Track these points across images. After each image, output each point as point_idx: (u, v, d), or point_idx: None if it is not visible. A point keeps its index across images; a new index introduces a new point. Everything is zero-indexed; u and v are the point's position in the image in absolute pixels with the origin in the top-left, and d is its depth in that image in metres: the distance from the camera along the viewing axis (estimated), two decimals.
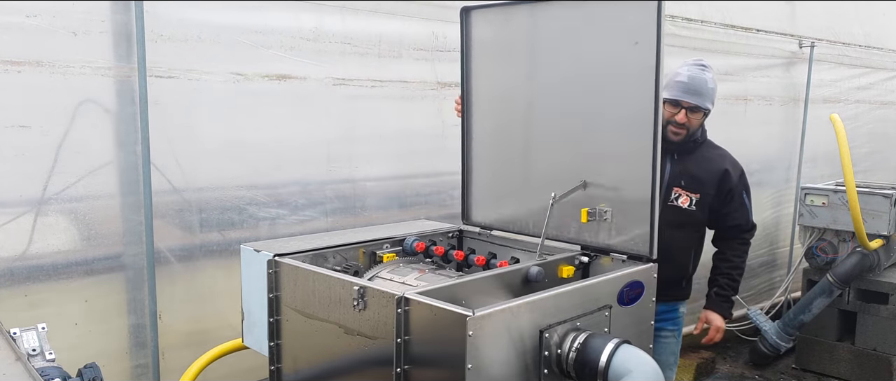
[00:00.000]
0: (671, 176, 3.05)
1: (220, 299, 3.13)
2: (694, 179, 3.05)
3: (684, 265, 3.16)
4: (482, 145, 2.87)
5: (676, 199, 3.05)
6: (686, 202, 3.05)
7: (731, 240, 3.20)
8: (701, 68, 2.98)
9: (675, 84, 2.97)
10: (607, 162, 2.47)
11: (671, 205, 3.04)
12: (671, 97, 2.95)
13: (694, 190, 3.04)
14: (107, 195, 2.83)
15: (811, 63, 5.89)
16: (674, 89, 2.96)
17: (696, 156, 3.10)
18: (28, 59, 2.59)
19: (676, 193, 3.06)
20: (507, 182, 2.80)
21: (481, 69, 2.82)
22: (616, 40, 2.36)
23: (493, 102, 2.83)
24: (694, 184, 3.04)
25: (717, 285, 3.22)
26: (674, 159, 3.05)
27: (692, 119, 2.99)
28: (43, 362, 1.65)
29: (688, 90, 2.95)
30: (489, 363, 1.84)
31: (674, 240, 2.95)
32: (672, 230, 2.92)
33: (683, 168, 3.06)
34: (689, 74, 2.95)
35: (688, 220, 3.06)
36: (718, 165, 3.10)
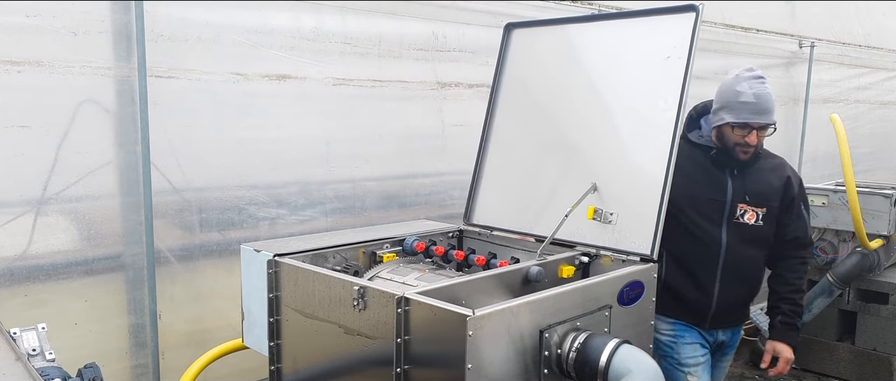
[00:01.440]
0: (734, 192, 2.81)
1: (220, 299, 3.13)
2: (758, 192, 2.83)
3: (755, 284, 2.96)
4: (498, 149, 2.91)
5: (742, 215, 2.82)
6: (752, 218, 2.82)
7: (789, 258, 2.94)
8: (761, 81, 2.74)
9: (741, 106, 2.69)
10: (620, 167, 2.51)
11: (736, 222, 2.81)
12: (740, 121, 2.70)
13: (759, 204, 2.82)
14: (107, 195, 2.83)
15: (811, 63, 5.90)
16: (742, 112, 2.69)
17: (757, 167, 2.87)
18: (28, 59, 2.59)
19: (741, 209, 2.82)
20: (517, 186, 2.81)
21: (512, 79, 2.90)
22: (647, 54, 2.50)
23: (517, 111, 2.88)
24: (759, 198, 2.82)
25: (780, 312, 2.92)
26: (734, 175, 2.82)
27: (761, 137, 2.79)
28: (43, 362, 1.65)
29: (758, 110, 2.70)
30: (489, 363, 1.84)
31: (743, 259, 2.82)
32: (741, 249, 2.81)
33: (745, 182, 2.82)
34: (755, 92, 2.69)
35: (755, 236, 2.84)
36: (780, 174, 2.89)
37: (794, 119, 5.97)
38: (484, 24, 3.81)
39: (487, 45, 3.75)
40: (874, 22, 6.63)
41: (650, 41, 2.49)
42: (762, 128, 2.75)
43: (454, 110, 3.79)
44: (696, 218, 2.77)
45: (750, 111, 2.70)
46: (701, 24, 2.35)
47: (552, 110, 2.77)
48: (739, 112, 2.70)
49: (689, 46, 2.35)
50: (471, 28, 3.79)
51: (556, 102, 2.76)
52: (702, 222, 2.77)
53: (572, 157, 2.64)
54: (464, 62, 3.80)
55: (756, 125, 2.73)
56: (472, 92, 3.83)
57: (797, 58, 5.88)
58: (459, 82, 3.81)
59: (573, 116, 2.69)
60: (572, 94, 2.71)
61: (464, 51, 3.80)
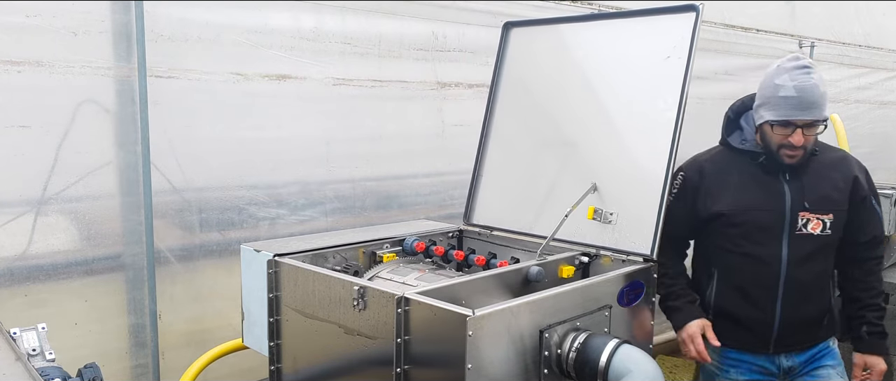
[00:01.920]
0: (792, 200, 2.50)
1: (220, 299, 3.13)
2: (822, 197, 2.52)
3: (826, 298, 2.63)
4: (498, 149, 2.91)
5: (805, 226, 2.51)
6: (818, 227, 2.51)
7: (866, 260, 2.63)
8: (806, 72, 2.40)
9: (781, 101, 2.41)
10: (620, 167, 2.50)
11: (800, 234, 2.51)
12: (780, 118, 2.42)
13: (824, 210, 2.51)
14: (107, 195, 2.83)
15: None
16: (782, 108, 2.41)
17: (815, 167, 2.55)
18: (28, 59, 2.59)
19: (804, 219, 2.51)
20: (517, 186, 2.81)
21: (511, 79, 2.90)
22: (647, 54, 2.49)
23: (516, 110, 2.88)
24: (823, 204, 2.51)
25: (865, 321, 2.62)
26: (787, 179, 2.52)
27: (808, 136, 2.45)
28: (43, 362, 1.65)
29: (800, 106, 2.39)
30: (489, 363, 1.84)
31: (810, 273, 2.53)
32: (806, 263, 2.51)
33: (804, 187, 2.52)
34: (796, 85, 2.37)
35: (822, 245, 2.54)
36: (845, 171, 2.58)
37: None
38: (484, 24, 3.80)
39: (487, 45, 3.75)
40: (874, 22, 6.63)
41: (650, 41, 2.49)
42: (808, 126, 2.43)
43: (454, 110, 3.79)
44: (752, 234, 2.52)
45: (791, 106, 2.39)
46: (701, 24, 2.35)
47: (552, 110, 2.77)
48: (779, 108, 2.42)
49: (689, 46, 2.35)
50: (471, 28, 3.79)
51: (555, 102, 2.76)
52: (759, 237, 2.52)
53: (572, 156, 2.64)
54: (464, 62, 3.80)
55: (799, 123, 2.41)
56: (471, 92, 3.83)
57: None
58: (459, 82, 3.81)
59: (573, 116, 2.69)
60: (572, 93, 2.71)
61: (464, 51, 3.80)
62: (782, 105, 2.41)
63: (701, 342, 2.57)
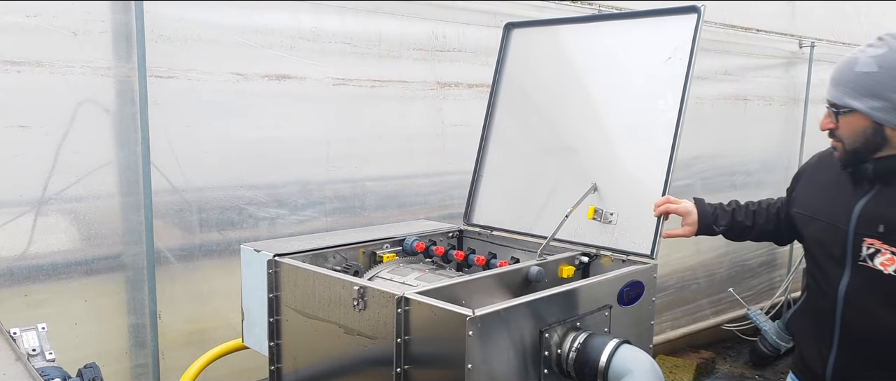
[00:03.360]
0: (860, 218, 1.95)
1: (220, 299, 3.13)
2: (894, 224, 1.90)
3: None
4: (498, 149, 2.91)
5: (872, 257, 1.91)
6: (890, 264, 1.88)
7: None
8: (866, 48, 1.92)
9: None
10: (621, 168, 2.50)
11: (863, 266, 1.93)
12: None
13: (893, 241, 1.89)
14: (107, 195, 2.83)
15: (811, 63, 5.90)
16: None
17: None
18: (28, 59, 2.59)
19: (870, 246, 1.92)
20: (517, 186, 2.81)
21: (512, 79, 2.89)
22: (648, 55, 2.48)
23: (517, 110, 2.88)
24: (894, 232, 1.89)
25: None
26: (867, 190, 1.97)
27: (842, 124, 1.96)
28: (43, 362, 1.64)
29: (831, 81, 1.98)
30: (489, 363, 1.84)
31: (878, 329, 1.94)
32: (871, 307, 1.93)
33: (885, 204, 1.93)
34: (845, 59, 1.97)
35: (889, 292, 1.90)
36: None
37: (793, 119, 5.97)
38: (484, 24, 3.81)
39: (487, 45, 3.75)
40: (874, 22, 6.63)
41: (651, 42, 2.49)
42: (836, 109, 1.96)
43: (454, 110, 3.79)
44: (813, 250, 2.11)
45: (829, 83, 2.01)
46: (702, 25, 2.35)
47: (552, 110, 2.77)
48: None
49: (690, 47, 2.35)
50: (471, 28, 3.79)
51: (556, 102, 2.76)
52: (820, 256, 2.07)
53: (572, 157, 2.64)
54: (464, 62, 3.80)
55: (828, 103, 2.00)
56: (471, 92, 3.83)
57: (797, 58, 5.88)
58: (459, 82, 3.81)
59: (573, 116, 2.69)
60: (572, 94, 2.70)
61: (464, 51, 3.80)
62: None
63: (665, 209, 2.29)
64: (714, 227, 2.35)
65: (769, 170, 5.83)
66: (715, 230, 2.35)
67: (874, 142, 1.91)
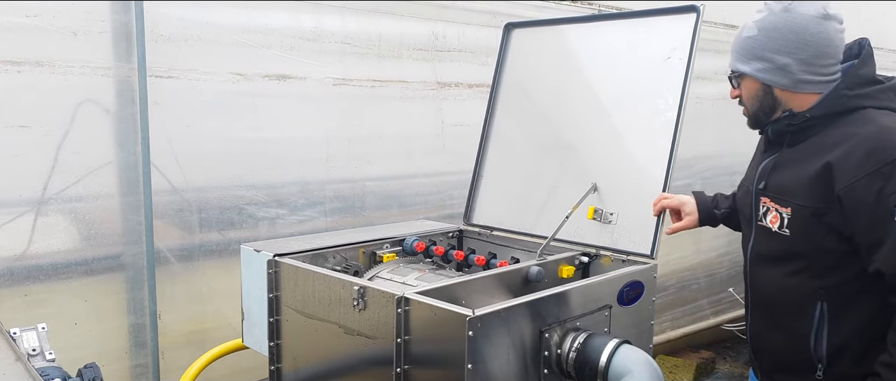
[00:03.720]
0: (759, 177, 2.04)
1: (220, 299, 3.13)
2: (784, 182, 1.95)
3: (797, 331, 1.95)
4: (498, 150, 2.91)
5: (765, 215, 1.99)
6: (775, 222, 1.95)
7: (890, 305, 1.81)
8: (754, 14, 1.98)
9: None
10: (620, 167, 2.50)
11: (761, 226, 2.02)
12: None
13: (783, 201, 1.94)
14: (107, 195, 2.83)
15: None
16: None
17: (810, 142, 1.93)
18: (28, 59, 2.59)
19: (764, 205, 2.00)
20: (517, 186, 2.81)
21: (512, 80, 2.90)
22: (648, 55, 2.48)
23: (517, 111, 2.88)
24: (782, 190, 1.95)
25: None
26: (774, 153, 2.04)
27: (742, 90, 2.03)
28: (43, 362, 1.65)
29: (731, 51, 2.05)
30: (489, 363, 1.84)
31: (774, 285, 1.99)
32: (764, 268, 2.02)
33: (779, 164, 2.00)
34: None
35: (788, 251, 1.93)
36: (832, 153, 1.84)
37: None
38: (484, 24, 3.81)
39: (487, 45, 3.75)
40: (874, 22, 6.63)
41: (651, 42, 2.49)
42: (736, 77, 2.05)
43: (454, 110, 3.79)
44: (741, 217, 2.19)
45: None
46: (702, 25, 2.35)
47: (552, 110, 2.77)
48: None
49: (689, 47, 2.35)
50: (471, 28, 3.79)
51: (556, 102, 2.76)
52: (742, 221, 2.17)
53: (572, 157, 2.64)
54: (464, 62, 3.80)
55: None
56: (471, 92, 3.83)
57: None
58: (459, 82, 3.81)
59: (573, 116, 2.69)
60: (572, 94, 2.71)
61: (464, 51, 3.80)
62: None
63: (662, 205, 2.31)
64: (715, 211, 2.36)
65: None
66: (716, 215, 2.36)
67: (768, 103, 2.00)
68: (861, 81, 1.95)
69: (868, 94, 1.94)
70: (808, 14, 1.90)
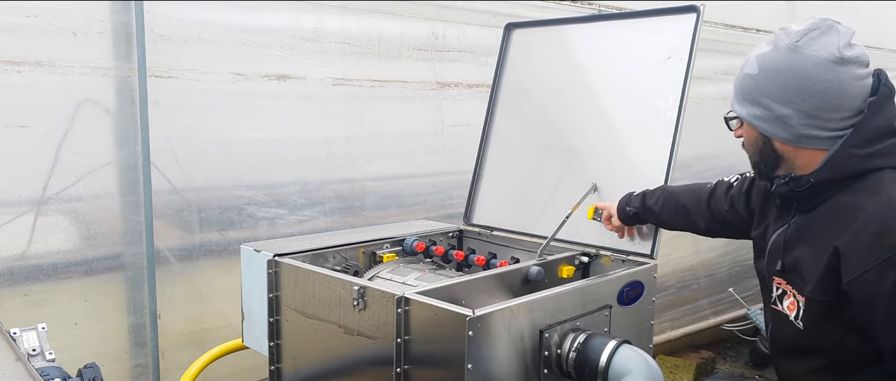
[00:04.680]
0: (770, 255, 1.74)
1: (220, 299, 3.13)
2: (798, 261, 1.65)
3: None
4: (498, 150, 2.91)
5: (781, 299, 1.70)
6: (792, 309, 1.66)
7: None
8: (760, 45, 1.71)
9: None
10: (620, 168, 2.50)
11: (775, 310, 1.73)
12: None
13: (799, 284, 1.65)
14: (107, 195, 2.83)
15: None
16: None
17: (823, 209, 1.63)
18: (28, 59, 2.59)
19: (779, 287, 1.71)
20: (517, 186, 2.81)
21: (512, 80, 2.90)
22: (648, 55, 2.48)
23: (517, 111, 2.88)
24: (796, 272, 1.66)
25: None
26: (786, 221, 1.72)
27: (744, 134, 1.75)
28: (43, 362, 1.65)
29: (733, 86, 1.76)
30: (489, 363, 1.84)
31: (792, 376, 1.75)
32: (792, 356, 1.73)
33: (790, 236, 1.69)
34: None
35: (808, 345, 1.66)
36: (832, 235, 1.56)
37: None
38: (484, 24, 3.81)
39: (487, 45, 3.75)
40: (874, 22, 6.63)
41: (651, 42, 2.49)
42: (733, 119, 1.77)
43: (454, 110, 3.79)
44: (759, 275, 1.88)
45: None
46: (702, 25, 2.35)
47: (552, 110, 2.77)
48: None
49: (689, 47, 2.35)
50: (471, 28, 3.79)
51: (556, 102, 2.76)
52: (761, 283, 1.86)
53: (572, 157, 2.64)
54: (464, 62, 3.80)
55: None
56: (471, 92, 3.83)
57: None
58: (459, 82, 3.81)
59: (573, 117, 2.69)
60: (572, 94, 2.71)
61: (464, 51, 3.80)
62: None
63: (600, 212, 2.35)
64: (627, 209, 2.29)
65: None
66: (628, 213, 2.29)
67: (768, 156, 1.68)
68: (873, 135, 1.57)
69: (882, 151, 1.56)
70: (818, 57, 1.59)
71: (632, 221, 2.33)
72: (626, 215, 2.32)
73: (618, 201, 2.37)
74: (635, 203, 2.30)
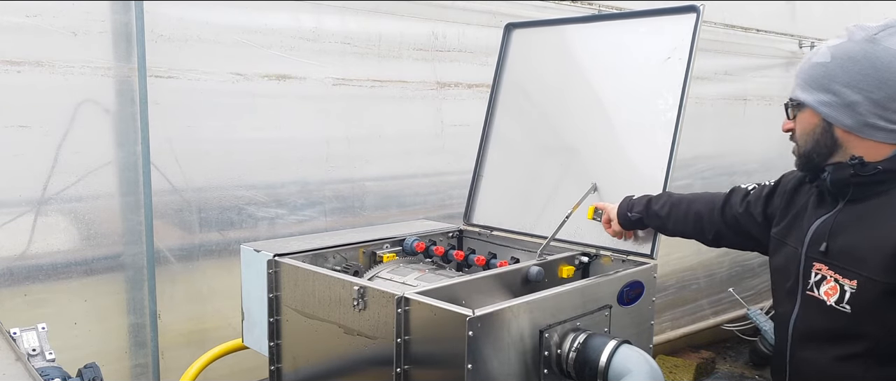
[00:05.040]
0: (812, 239, 1.72)
1: (220, 299, 3.13)
2: (851, 247, 1.63)
3: None
4: (498, 150, 2.91)
5: (817, 285, 1.68)
6: (832, 293, 1.64)
7: None
8: (831, 39, 1.74)
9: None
10: (620, 168, 2.50)
11: (810, 297, 1.70)
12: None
13: (848, 269, 1.62)
14: (107, 195, 2.83)
15: None
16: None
17: (881, 201, 1.64)
18: (28, 59, 2.59)
19: (818, 272, 1.69)
20: (517, 186, 2.81)
21: (512, 80, 2.89)
22: (648, 55, 2.48)
23: (517, 111, 2.88)
24: (849, 257, 1.63)
25: None
26: (830, 208, 1.73)
27: (798, 123, 1.76)
28: (43, 362, 1.65)
29: (796, 76, 1.77)
30: (489, 363, 1.84)
31: (817, 371, 1.71)
32: (818, 346, 1.70)
33: (839, 225, 1.68)
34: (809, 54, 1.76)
35: (845, 332, 1.64)
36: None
37: None
38: (484, 24, 3.81)
39: (487, 45, 3.75)
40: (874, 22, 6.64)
41: (651, 42, 2.49)
42: (795, 106, 1.76)
43: (454, 110, 3.79)
44: (777, 278, 1.87)
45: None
46: (701, 25, 2.35)
47: (552, 110, 2.77)
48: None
49: (689, 47, 2.36)
50: (471, 28, 3.79)
51: (556, 102, 2.76)
52: (780, 284, 1.85)
53: (572, 157, 2.64)
54: (464, 62, 3.80)
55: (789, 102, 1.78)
56: (471, 92, 3.83)
57: (797, 58, 5.88)
58: (459, 82, 3.81)
59: (573, 117, 2.69)
60: (572, 94, 2.71)
61: (464, 51, 3.80)
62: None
63: (605, 220, 2.36)
64: (629, 214, 2.28)
65: (769, 170, 5.81)
66: (630, 219, 2.28)
67: (825, 144, 1.70)
68: None
69: None
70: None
71: (633, 226, 2.33)
72: (628, 220, 2.31)
73: (617, 205, 2.35)
74: (638, 209, 2.28)
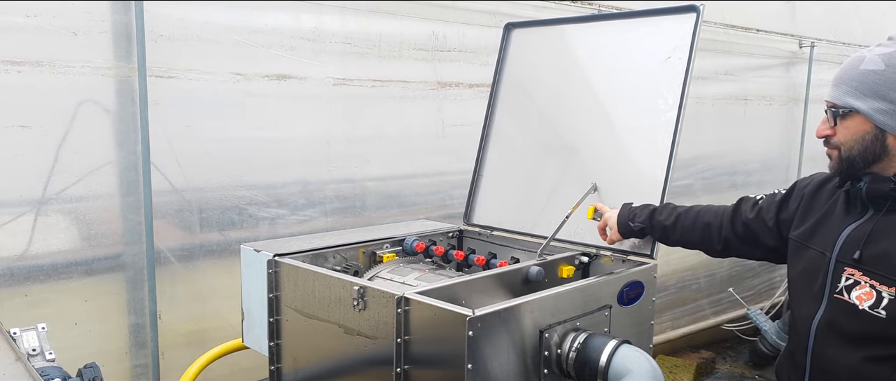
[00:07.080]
0: (844, 245, 1.74)
1: (220, 299, 3.13)
2: (886, 253, 1.66)
3: None
4: (498, 150, 2.91)
5: (849, 289, 1.70)
6: (867, 299, 1.66)
7: None
8: (875, 47, 1.74)
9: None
10: (620, 168, 2.50)
11: (839, 300, 1.72)
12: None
13: (886, 276, 1.65)
14: (107, 195, 2.83)
15: (811, 63, 5.90)
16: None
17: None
18: (28, 59, 2.59)
19: (850, 277, 1.71)
20: (517, 186, 2.81)
21: (512, 80, 2.90)
22: (648, 54, 2.48)
23: (517, 111, 2.88)
24: (885, 263, 1.65)
25: None
26: (860, 215, 1.76)
27: (840, 129, 1.75)
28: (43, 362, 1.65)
29: (833, 81, 1.77)
30: (489, 363, 1.84)
31: (843, 369, 1.73)
32: (839, 352, 1.73)
33: (874, 232, 1.70)
34: (851, 57, 1.77)
35: (871, 334, 1.67)
36: None
37: (793, 119, 5.98)
38: (484, 24, 3.81)
39: (487, 45, 3.75)
40: (874, 22, 6.63)
41: (650, 41, 2.49)
42: (835, 112, 1.76)
43: (454, 110, 3.79)
44: (799, 280, 1.88)
45: (830, 84, 1.79)
46: (701, 25, 2.35)
47: (552, 110, 2.77)
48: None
49: (689, 47, 2.36)
50: (471, 28, 3.79)
51: (556, 102, 2.76)
52: (802, 286, 1.85)
53: (572, 157, 2.65)
54: (464, 62, 3.80)
55: (827, 104, 1.79)
56: (471, 92, 3.84)
57: (797, 58, 5.88)
58: (459, 82, 3.81)
59: (573, 116, 2.69)
60: (572, 94, 2.71)
61: (464, 51, 3.80)
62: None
63: (601, 227, 2.38)
64: (630, 224, 2.28)
65: (769, 170, 5.83)
66: (632, 228, 2.28)
67: (873, 150, 1.71)
68: None
69: None
70: None
71: (634, 236, 2.33)
72: (630, 229, 2.30)
73: (616, 213, 2.34)
74: (641, 219, 2.27)
